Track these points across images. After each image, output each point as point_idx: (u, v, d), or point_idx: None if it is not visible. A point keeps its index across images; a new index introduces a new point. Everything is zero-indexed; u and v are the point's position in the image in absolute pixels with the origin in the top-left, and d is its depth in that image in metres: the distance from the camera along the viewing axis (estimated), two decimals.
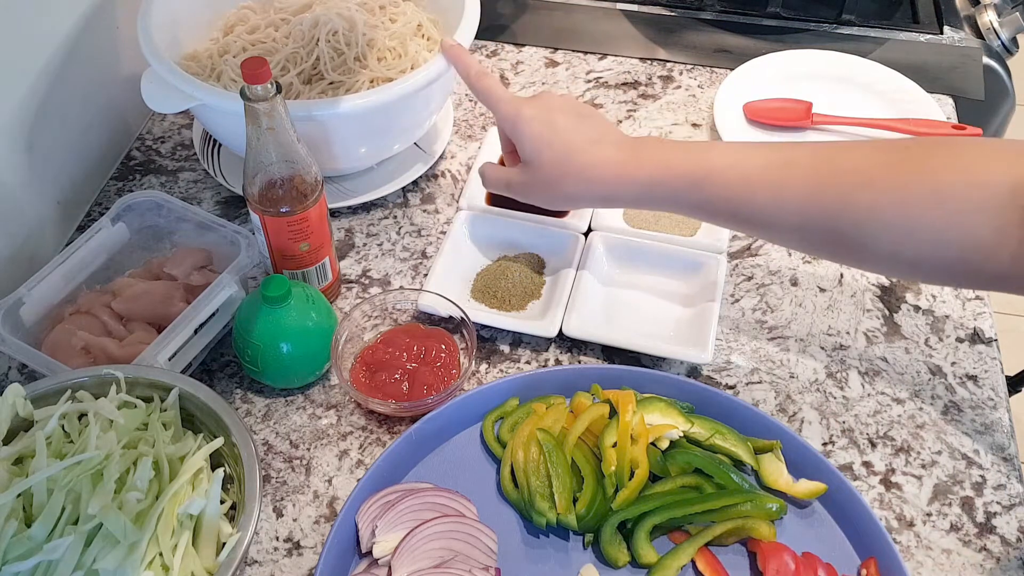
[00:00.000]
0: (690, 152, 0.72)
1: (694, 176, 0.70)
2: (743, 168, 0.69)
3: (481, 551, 0.66)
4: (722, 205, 0.70)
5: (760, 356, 0.81)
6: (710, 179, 0.70)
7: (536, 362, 0.81)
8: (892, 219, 0.64)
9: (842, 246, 0.67)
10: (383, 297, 0.82)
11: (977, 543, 0.70)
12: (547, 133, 0.74)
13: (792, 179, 0.68)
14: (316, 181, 0.74)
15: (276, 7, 0.95)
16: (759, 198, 0.69)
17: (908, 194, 0.63)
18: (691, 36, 1.13)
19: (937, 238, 0.63)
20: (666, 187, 0.71)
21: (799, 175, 0.67)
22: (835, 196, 0.66)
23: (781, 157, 0.69)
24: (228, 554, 0.59)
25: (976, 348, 0.82)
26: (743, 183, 0.69)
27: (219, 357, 0.81)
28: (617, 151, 0.73)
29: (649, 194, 0.72)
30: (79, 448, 0.62)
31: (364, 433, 0.76)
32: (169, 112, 0.85)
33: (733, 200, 0.70)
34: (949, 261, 0.63)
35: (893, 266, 0.68)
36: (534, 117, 0.75)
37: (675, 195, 0.72)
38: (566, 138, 0.74)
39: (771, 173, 0.68)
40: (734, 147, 0.72)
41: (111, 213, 0.80)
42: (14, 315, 0.74)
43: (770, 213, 0.69)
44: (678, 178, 0.71)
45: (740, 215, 0.70)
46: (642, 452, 0.69)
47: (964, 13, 1.16)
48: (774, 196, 0.68)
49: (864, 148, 0.68)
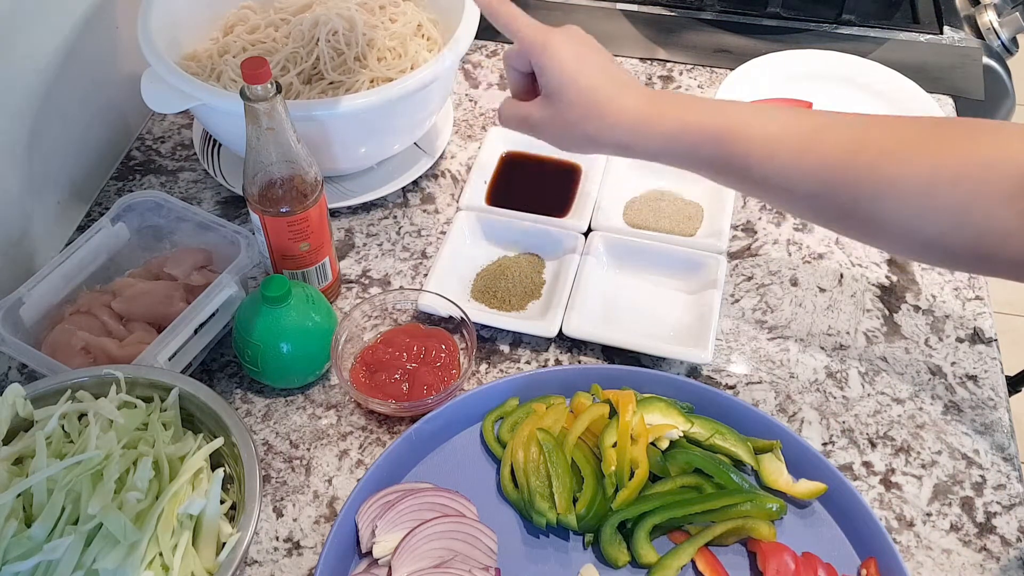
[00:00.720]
0: (714, 108, 0.70)
1: (716, 132, 0.68)
2: (767, 129, 0.67)
3: (481, 551, 0.66)
4: (739, 163, 0.68)
5: (760, 356, 0.81)
6: (732, 136, 0.68)
7: (536, 362, 0.81)
8: (912, 195, 0.62)
9: (856, 218, 0.66)
10: (383, 297, 0.82)
11: (977, 543, 0.70)
12: (576, 68, 0.70)
13: (816, 144, 0.66)
14: (316, 181, 0.74)
15: (276, 7, 0.95)
16: (779, 160, 0.67)
17: (933, 170, 0.62)
18: (691, 36, 1.13)
19: (955, 219, 0.61)
20: (686, 142, 0.69)
21: (824, 141, 0.66)
22: (858, 166, 0.64)
23: (807, 121, 0.67)
24: (228, 554, 0.59)
25: (976, 348, 0.82)
26: (764, 144, 0.67)
27: (219, 357, 0.81)
28: (642, 99, 0.71)
29: (669, 148, 0.70)
30: (79, 448, 0.62)
31: (364, 433, 0.76)
32: (169, 112, 0.85)
33: (752, 159, 0.68)
34: (965, 243, 0.62)
35: (906, 244, 0.66)
36: (563, 48, 0.70)
37: (694, 151, 0.69)
38: (594, 77, 0.70)
39: (794, 136, 0.67)
40: (758, 108, 0.70)
41: (111, 213, 0.80)
42: (14, 315, 0.74)
43: (787, 176, 0.67)
44: (700, 133, 0.69)
45: (757, 176, 0.68)
46: (642, 452, 0.69)
47: (964, 13, 1.16)
48: (795, 159, 0.66)
49: (891, 121, 0.67)
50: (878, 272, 0.88)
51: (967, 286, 0.87)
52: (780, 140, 0.67)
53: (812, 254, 0.89)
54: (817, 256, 0.89)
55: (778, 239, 0.91)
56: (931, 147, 0.63)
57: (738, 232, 0.91)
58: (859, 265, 0.88)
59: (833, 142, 0.66)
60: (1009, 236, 0.60)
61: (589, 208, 0.89)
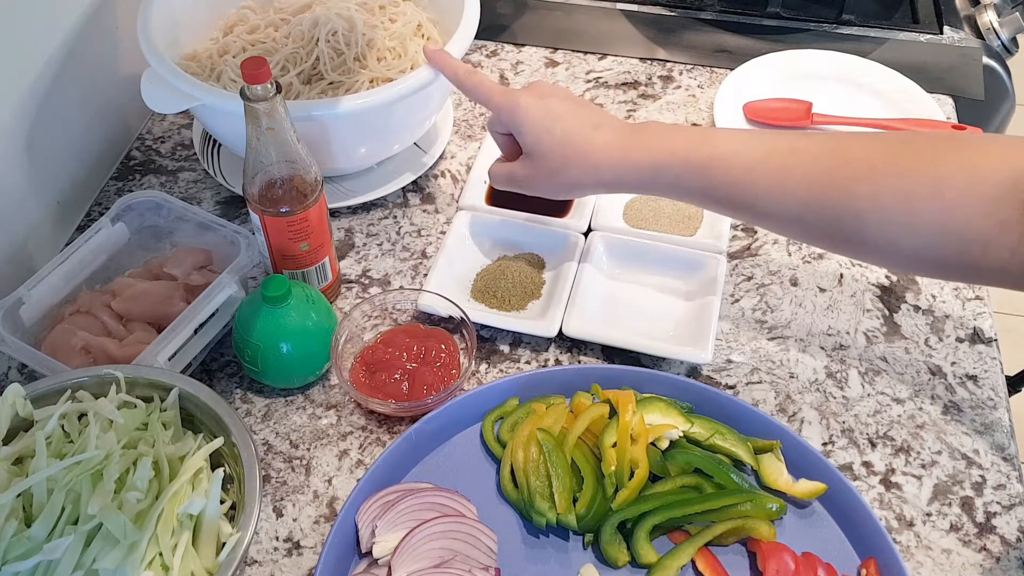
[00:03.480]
0: (692, 137, 0.71)
1: (696, 162, 0.70)
2: (746, 155, 0.69)
3: (481, 551, 0.66)
4: (723, 192, 0.70)
5: (760, 356, 0.81)
6: (712, 165, 0.69)
7: (536, 362, 0.81)
8: (893, 210, 0.64)
9: (842, 236, 0.67)
10: (383, 297, 0.82)
11: (977, 543, 0.70)
12: (546, 120, 0.73)
13: (795, 167, 0.67)
14: (316, 181, 0.74)
15: (276, 7, 0.95)
16: (761, 185, 0.68)
17: (911, 185, 0.63)
18: (691, 36, 1.13)
19: (938, 230, 0.63)
20: (669, 172, 0.71)
21: (802, 163, 0.67)
22: (838, 186, 0.66)
23: (785, 144, 0.69)
24: (228, 554, 0.59)
25: (976, 348, 0.82)
26: (746, 170, 0.69)
27: (219, 357, 0.81)
28: (619, 136, 0.73)
29: (652, 180, 0.72)
30: (79, 448, 0.62)
31: (364, 433, 0.76)
32: (169, 112, 0.85)
33: (735, 187, 0.69)
34: (949, 253, 0.63)
35: (893, 258, 0.68)
36: (531, 105, 0.74)
37: (677, 181, 0.71)
38: (566, 124, 0.73)
39: (774, 160, 0.68)
40: (737, 134, 0.72)
41: (111, 213, 0.80)
42: (14, 315, 0.74)
43: (771, 200, 0.68)
44: (681, 164, 0.70)
45: (741, 202, 0.70)
46: (642, 452, 0.69)
47: (964, 13, 1.16)
48: (777, 183, 0.68)
49: (867, 139, 0.68)
50: (878, 272, 0.88)
51: (967, 286, 0.87)
52: (761, 167, 0.68)
53: (812, 254, 0.89)
54: (817, 256, 0.89)
55: (778, 239, 0.91)
56: (908, 162, 0.64)
57: (738, 232, 0.91)
58: (859, 265, 0.88)
59: (805, 165, 0.67)
60: (990, 245, 0.61)
61: (589, 208, 0.89)
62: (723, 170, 0.69)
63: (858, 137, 0.69)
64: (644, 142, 0.72)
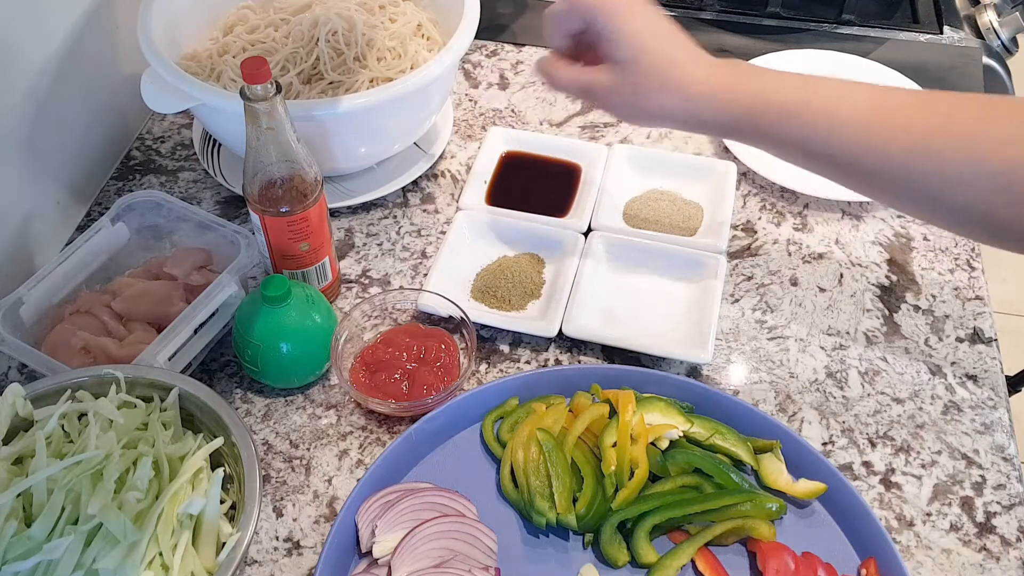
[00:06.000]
0: (790, 83, 0.67)
1: (793, 108, 0.66)
2: (851, 103, 0.65)
3: (481, 551, 0.66)
4: (818, 142, 0.66)
5: (760, 356, 0.81)
6: (810, 113, 0.65)
7: (536, 362, 0.81)
8: (959, 164, 0.62)
9: (945, 206, 0.65)
10: (383, 297, 0.82)
11: (977, 543, 0.70)
12: (650, 35, 0.66)
13: (885, 122, 0.64)
14: (316, 181, 0.74)
15: (276, 7, 0.95)
16: (867, 138, 0.64)
17: (977, 142, 0.61)
18: (691, 36, 1.13)
19: (1002, 185, 0.61)
20: (762, 118, 0.66)
21: (909, 118, 0.64)
22: (913, 142, 0.63)
23: (889, 97, 0.66)
24: (228, 554, 0.59)
25: (976, 348, 0.82)
26: (850, 120, 0.64)
27: (219, 357, 0.81)
28: (716, 72, 0.67)
29: (741, 123, 0.67)
30: (79, 448, 0.62)
31: (364, 433, 0.76)
32: (169, 112, 0.85)
33: (834, 138, 0.65)
34: (1012, 214, 0.62)
35: (958, 218, 0.65)
36: (636, 14, 0.67)
37: (770, 128, 0.67)
38: (668, 46, 0.67)
39: (883, 111, 0.64)
40: (836, 82, 0.67)
41: (111, 213, 0.80)
42: (14, 315, 0.74)
43: (877, 155, 0.64)
44: (776, 109, 0.66)
45: (837, 154, 0.66)
46: (642, 452, 0.69)
47: (964, 13, 1.16)
48: (885, 137, 0.64)
49: (944, 97, 0.66)
50: (878, 272, 0.88)
51: (967, 286, 0.87)
52: (864, 117, 0.65)
53: (812, 254, 0.89)
54: (817, 256, 0.89)
55: (778, 239, 0.91)
56: (975, 118, 0.62)
57: (738, 232, 0.91)
58: (859, 265, 0.88)
59: (914, 121, 0.64)
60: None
61: (589, 208, 0.89)
62: (823, 116, 0.65)
63: (937, 96, 0.66)
64: (741, 83, 0.67)
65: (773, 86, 0.67)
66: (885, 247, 0.90)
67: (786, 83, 0.67)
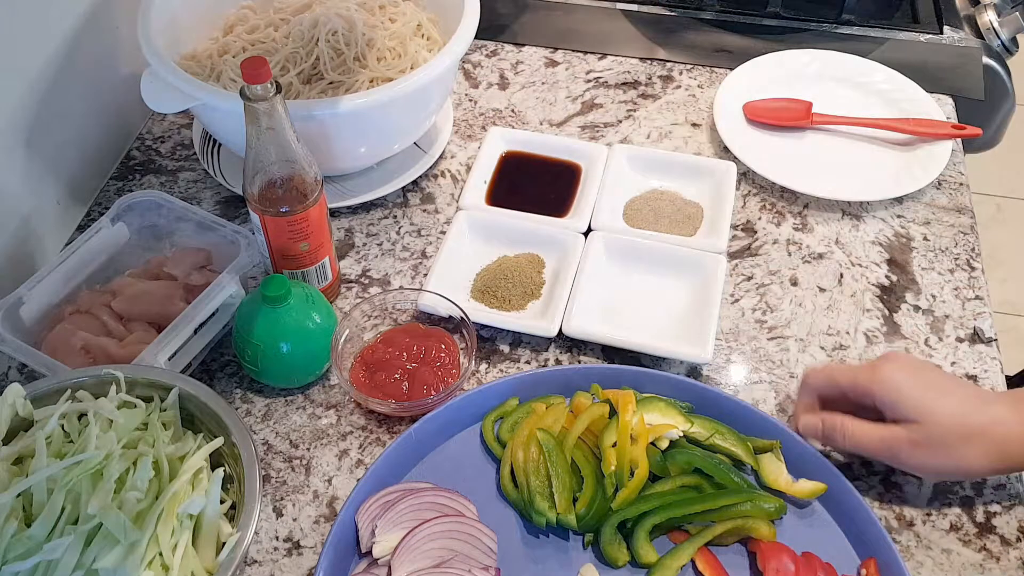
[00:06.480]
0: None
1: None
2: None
3: (481, 551, 0.66)
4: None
5: (760, 356, 0.81)
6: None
7: (536, 362, 0.81)
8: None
9: None
10: (383, 297, 0.82)
11: (977, 543, 0.70)
12: (931, 388, 0.68)
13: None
14: (316, 181, 0.74)
15: (276, 7, 0.95)
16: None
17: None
18: (691, 36, 1.13)
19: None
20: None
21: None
22: None
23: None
24: (228, 554, 0.59)
25: (976, 348, 0.82)
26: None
27: (219, 357, 0.81)
28: (1011, 408, 0.67)
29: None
30: (79, 448, 0.62)
31: (364, 433, 0.76)
32: (169, 112, 0.85)
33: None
34: None
35: None
36: (904, 377, 0.68)
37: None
38: (955, 398, 0.67)
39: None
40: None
41: (111, 213, 0.80)
42: (14, 315, 0.74)
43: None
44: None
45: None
46: (642, 452, 0.69)
47: (964, 13, 1.16)
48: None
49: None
50: (878, 272, 0.88)
51: (967, 286, 0.87)
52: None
53: (812, 254, 0.89)
54: (817, 256, 0.89)
55: (778, 239, 0.91)
56: None
57: (738, 232, 0.91)
58: (859, 265, 0.88)
59: None
60: None
61: (589, 208, 0.89)
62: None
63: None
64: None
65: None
66: (885, 247, 0.90)
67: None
